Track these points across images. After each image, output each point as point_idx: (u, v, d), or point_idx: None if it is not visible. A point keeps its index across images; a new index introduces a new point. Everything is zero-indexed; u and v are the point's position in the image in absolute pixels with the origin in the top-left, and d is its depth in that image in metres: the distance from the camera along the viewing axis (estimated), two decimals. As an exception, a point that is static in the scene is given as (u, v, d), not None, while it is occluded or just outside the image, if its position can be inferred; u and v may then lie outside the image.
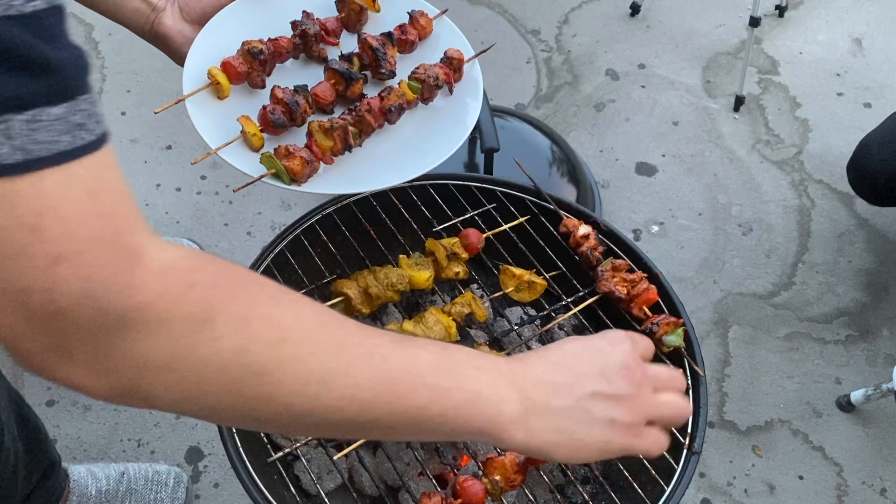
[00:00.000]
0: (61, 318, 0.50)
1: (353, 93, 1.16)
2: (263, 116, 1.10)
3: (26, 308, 0.49)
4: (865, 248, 2.04)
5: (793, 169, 2.20)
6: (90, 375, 0.53)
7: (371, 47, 1.17)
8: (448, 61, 1.20)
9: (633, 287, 1.25)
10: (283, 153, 1.05)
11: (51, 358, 0.51)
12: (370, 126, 1.12)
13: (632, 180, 2.15)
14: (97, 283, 0.51)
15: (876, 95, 2.37)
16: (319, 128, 1.09)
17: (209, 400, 0.58)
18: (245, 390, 0.58)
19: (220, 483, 1.62)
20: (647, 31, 2.54)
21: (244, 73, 1.13)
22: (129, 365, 0.53)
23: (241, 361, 0.58)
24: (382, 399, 0.64)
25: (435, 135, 1.16)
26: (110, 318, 0.52)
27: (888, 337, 1.88)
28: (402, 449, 1.22)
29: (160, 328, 0.54)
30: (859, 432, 1.74)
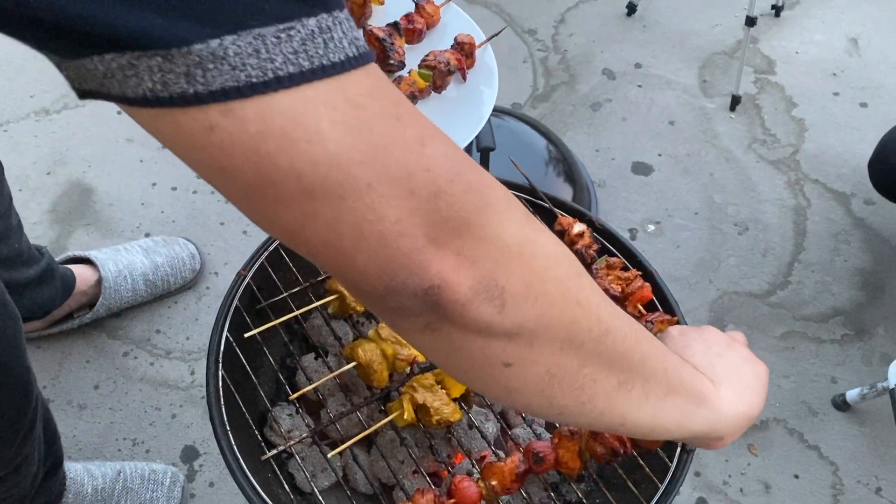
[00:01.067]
0: (439, 198, 0.48)
1: None
2: None
3: (412, 193, 0.47)
4: (861, 248, 2.04)
5: (789, 168, 2.20)
6: (458, 266, 0.50)
7: (377, 38, 1.14)
8: (459, 47, 1.16)
9: (628, 285, 1.25)
10: None
11: (426, 251, 0.49)
12: None
13: (628, 180, 2.16)
14: (458, 160, 0.50)
15: (872, 95, 2.38)
16: None
17: (545, 287, 0.55)
18: (571, 286, 0.57)
19: (216, 482, 1.62)
20: (643, 31, 2.54)
21: None
22: (491, 249, 0.51)
23: (568, 256, 0.58)
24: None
25: (450, 124, 1.13)
26: (475, 196, 0.50)
27: (884, 336, 1.88)
28: (396, 447, 1.22)
29: (510, 209, 0.53)
30: (855, 431, 1.74)
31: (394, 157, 0.46)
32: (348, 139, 0.45)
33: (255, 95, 0.43)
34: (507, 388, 0.57)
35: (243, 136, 0.43)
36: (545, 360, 0.56)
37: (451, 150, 0.50)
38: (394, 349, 1.14)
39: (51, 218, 2.00)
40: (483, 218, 0.50)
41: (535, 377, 0.57)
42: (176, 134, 0.44)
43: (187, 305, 1.86)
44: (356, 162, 0.45)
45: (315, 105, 0.44)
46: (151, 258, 1.82)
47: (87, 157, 2.12)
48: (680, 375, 0.71)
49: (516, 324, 0.53)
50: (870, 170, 1.92)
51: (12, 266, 1.52)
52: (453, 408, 1.13)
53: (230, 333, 1.20)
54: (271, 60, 0.43)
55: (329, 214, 0.46)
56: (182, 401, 1.72)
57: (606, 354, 0.60)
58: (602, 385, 0.61)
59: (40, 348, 1.77)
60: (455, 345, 0.53)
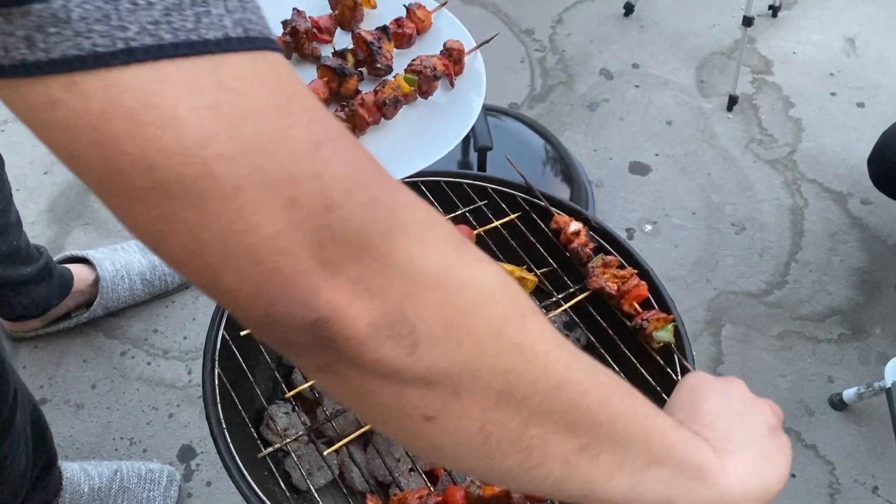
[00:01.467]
0: (331, 212, 0.40)
1: (347, 90, 1.12)
2: None
3: (294, 203, 0.39)
4: (858, 247, 2.04)
5: (786, 168, 2.20)
6: (354, 297, 0.42)
7: (365, 42, 1.13)
8: (447, 53, 1.16)
9: (624, 283, 1.25)
10: None
11: (313, 276, 0.41)
12: (364, 121, 1.08)
13: (625, 179, 2.16)
14: (363, 170, 0.43)
15: (869, 95, 2.38)
16: None
17: (474, 328, 0.46)
18: (509, 328, 0.48)
19: (213, 481, 1.62)
20: (641, 31, 2.55)
21: None
22: (399, 278, 0.43)
23: (509, 293, 0.49)
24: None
25: (434, 130, 1.12)
26: (381, 213, 0.42)
27: (881, 335, 1.89)
28: (393, 445, 1.22)
29: (431, 233, 0.45)
30: (852, 430, 1.74)
31: (274, 157, 0.39)
32: (212, 129, 0.38)
33: (101, 68, 0.37)
34: (434, 445, 0.48)
35: (87, 114, 0.37)
36: (476, 414, 0.47)
37: (357, 159, 0.42)
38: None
39: (48, 217, 2.00)
40: (390, 241, 0.42)
41: (466, 435, 0.48)
42: (24, 109, 0.39)
43: (185, 305, 1.86)
44: (221, 157, 0.38)
45: (175, 85, 0.38)
46: (149, 257, 1.82)
47: (85, 157, 2.12)
48: (669, 442, 0.58)
49: (434, 369, 0.44)
50: (869, 166, 1.92)
51: (11, 263, 1.52)
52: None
53: (226, 332, 1.20)
54: (123, 29, 0.37)
55: (190, 219, 0.39)
56: (179, 400, 1.72)
57: (560, 413, 0.50)
58: (556, 448, 0.51)
59: (38, 347, 1.77)
60: (361, 390, 0.45)
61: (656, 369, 1.21)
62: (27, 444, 1.25)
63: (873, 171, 1.91)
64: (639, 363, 1.22)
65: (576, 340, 1.41)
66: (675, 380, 1.19)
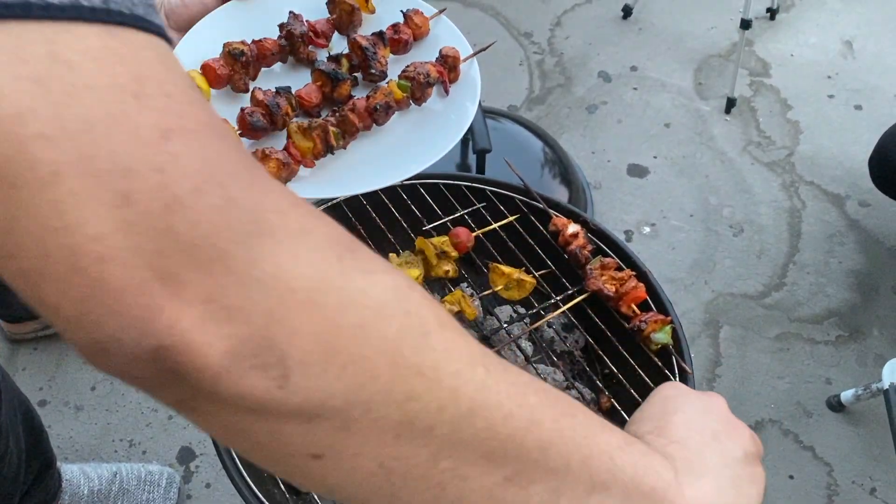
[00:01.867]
0: (175, 213, 0.33)
1: (340, 94, 1.11)
2: (242, 119, 1.04)
3: (126, 199, 0.32)
4: (856, 249, 2.05)
5: (784, 170, 2.21)
6: (208, 319, 0.34)
7: (360, 47, 1.12)
8: (443, 59, 1.14)
9: (622, 285, 1.25)
10: (259, 156, 1.00)
11: (150, 291, 0.33)
12: (354, 126, 1.07)
13: (624, 182, 2.16)
14: (221, 165, 0.35)
15: (867, 97, 2.39)
16: (298, 128, 1.04)
17: (360, 350, 0.38)
18: (406, 349, 0.40)
19: (212, 483, 1.62)
20: (639, 34, 2.55)
21: (225, 77, 1.08)
22: (263, 295, 0.35)
23: (407, 307, 0.41)
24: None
25: (426, 137, 1.11)
26: (240, 216, 0.35)
27: (878, 337, 1.89)
28: (392, 446, 1.22)
29: (306, 240, 0.38)
30: (849, 432, 1.74)
31: (106, 143, 0.32)
32: (32, 103, 0.32)
33: None
34: (328, 485, 0.42)
35: None
36: (373, 450, 0.40)
37: (216, 153, 0.35)
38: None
39: (48, 220, 2.00)
40: (252, 250, 0.35)
41: (363, 473, 0.41)
42: None
43: (184, 307, 1.86)
44: (39, 137, 0.32)
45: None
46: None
47: (85, 160, 2.13)
48: (614, 465, 0.50)
49: (313, 402, 0.37)
50: (870, 166, 1.92)
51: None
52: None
53: (226, 334, 1.20)
54: None
55: (0, 209, 0.32)
56: (178, 402, 1.72)
57: (476, 442, 0.43)
58: (476, 482, 0.44)
59: (37, 349, 1.78)
60: (230, 428, 0.38)
61: (654, 371, 1.22)
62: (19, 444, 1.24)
63: (874, 171, 1.91)
64: (637, 365, 1.22)
65: (574, 342, 1.41)
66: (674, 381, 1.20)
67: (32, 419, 1.31)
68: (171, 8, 1.11)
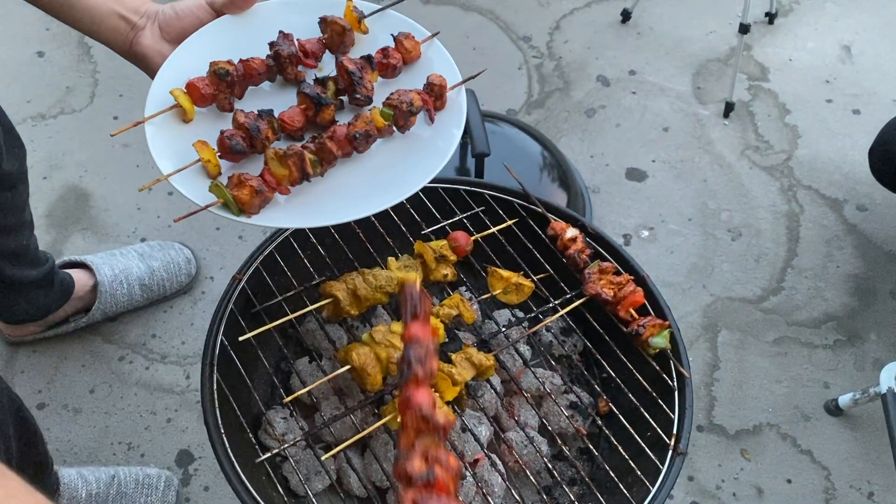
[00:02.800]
0: None
1: (323, 119, 1.09)
2: (221, 142, 1.03)
3: None
4: (854, 254, 2.05)
5: (782, 175, 2.21)
6: None
7: (347, 71, 1.10)
8: (429, 87, 1.11)
9: (620, 289, 1.26)
10: (234, 182, 0.98)
11: None
12: (331, 154, 1.05)
13: (622, 186, 2.17)
14: None
15: (865, 102, 2.39)
16: (274, 155, 1.02)
17: None
18: None
19: (210, 486, 1.62)
20: (637, 38, 2.56)
21: (210, 96, 1.07)
22: None
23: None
24: None
25: (408, 167, 1.08)
26: None
27: (876, 341, 1.90)
28: (390, 450, 1.23)
29: None
30: (847, 436, 1.75)
31: None
32: None
33: None
34: None
35: None
36: None
37: None
38: (388, 353, 1.15)
39: (47, 223, 2.00)
40: None
41: None
42: None
43: (183, 310, 1.86)
44: None
45: None
46: (147, 263, 1.83)
47: (83, 162, 2.13)
48: None
49: None
50: (870, 156, 1.91)
51: (18, 263, 1.52)
52: (447, 411, 1.14)
53: (225, 337, 1.21)
54: None
55: None
56: (177, 405, 1.72)
57: None
58: None
59: (36, 352, 1.78)
60: None
61: (652, 375, 1.22)
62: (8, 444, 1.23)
63: (874, 163, 1.90)
64: (635, 369, 1.22)
65: (572, 346, 1.42)
66: (671, 385, 1.20)
67: (25, 420, 1.30)
68: (166, 20, 1.11)
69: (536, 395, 1.35)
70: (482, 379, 1.23)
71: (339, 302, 1.22)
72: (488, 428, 1.26)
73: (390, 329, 1.19)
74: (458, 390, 1.18)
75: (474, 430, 1.23)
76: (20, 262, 1.52)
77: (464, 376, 1.18)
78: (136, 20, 1.08)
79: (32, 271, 1.56)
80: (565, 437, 1.33)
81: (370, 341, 1.17)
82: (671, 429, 1.16)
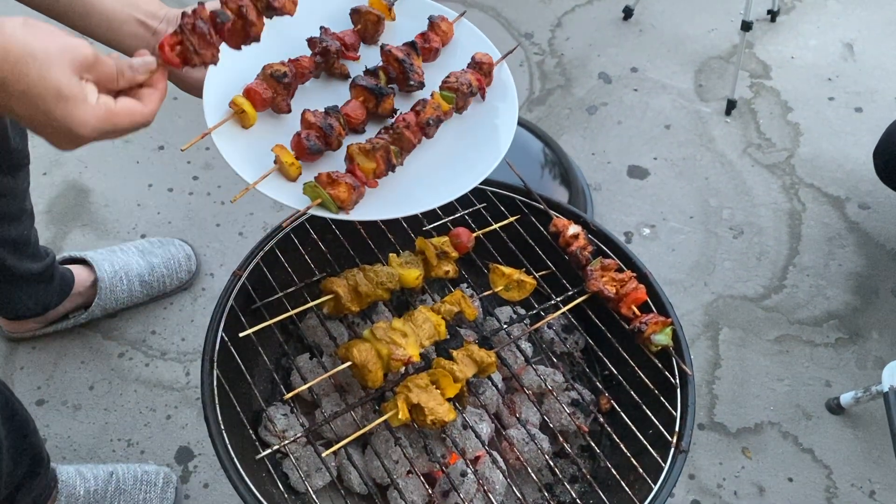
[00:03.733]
0: None
1: (384, 109, 1.11)
2: (298, 143, 1.05)
3: None
4: (856, 252, 2.05)
5: (784, 173, 2.21)
6: None
7: (397, 59, 1.12)
8: (478, 66, 1.15)
9: (622, 286, 1.25)
10: (325, 181, 1.00)
11: None
12: (410, 143, 1.07)
13: (624, 183, 2.16)
14: None
15: (867, 100, 2.38)
16: (360, 150, 1.04)
17: None
18: None
19: (210, 483, 1.62)
20: (639, 36, 2.55)
21: (269, 99, 1.08)
22: None
23: None
24: None
25: (473, 147, 1.11)
26: None
27: (878, 340, 1.89)
28: (391, 447, 1.22)
29: None
30: (849, 435, 1.74)
31: None
32: None
33: None
34: None
35: None
36: None
37: None
38: (389, 349, 1.15)
39: (47, 218, 1.99)
40: None
41: None
42: None
43: (183, 306, 1.86)
44: None
45: None
46: (147, 259, 1.82)
47: (83, 158, 2.12)
48: None
49: None
50: (875, 156, 1.91)
51: (19, 254, 1.51)
52: (448, 408, 1.13)
53: (225, 333, 1.20)
54: None
55: None
56: (177, 402, 1.72)
57: None
58: None
59: (35, 348, 1.77)
60: None
61: (654, 372, 1.21)
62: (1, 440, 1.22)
63: (879, 163, 1.89)
64: (637, 366, 1.22)
65: (574, 343, 1.41)
66: (673, 383, 1.20)
67: (14, 411, 1.29)
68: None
69: (538, 393, 1.34)
70: (483, 376, 1.22)
71: (340, 298, 1.21)
72: (489, 425, 1.26)
73: (391, 326, 1.18)
74: (460, 387, 1.18)
75: (476, 427, 1.23)
76: (21, 254, 1.52)
77: (465, 373, 1.17)
78: (155, 25, 1.06)
79: (33, 265, 1.56)
80: (567, 435, 1.32)
81: (371, 338, 1.17)
82: (673, 426, 1.15)
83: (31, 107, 0.77)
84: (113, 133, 0.84)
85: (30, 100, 0.77)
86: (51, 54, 0.77)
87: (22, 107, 0.77)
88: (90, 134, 0.81)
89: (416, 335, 1.18)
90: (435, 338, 1.20)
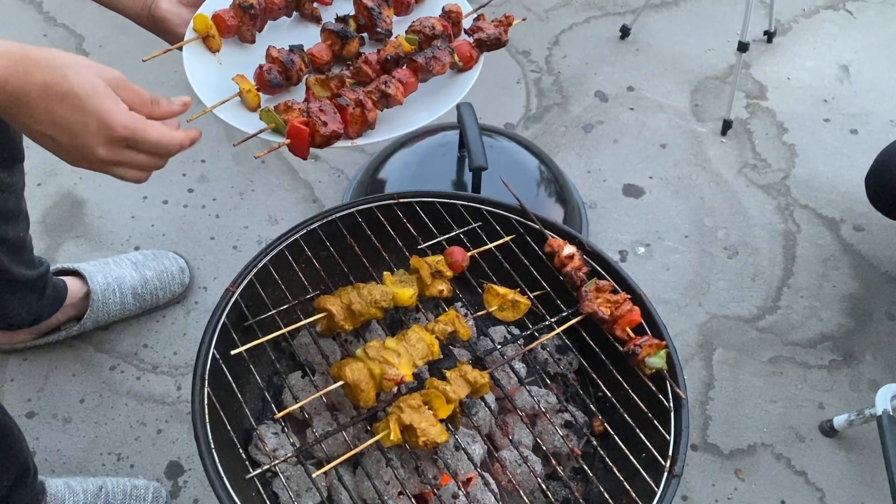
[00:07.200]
0: None
1: (348, 52, 1.20)
2: (259, 76, 1.12)
3: None
4: (850, 274, 2.05)
5: (779, 193, 2.21)
6: None
7: (366, 7, 1.21)
8: (446, 15, 1.23)
9: (617, 308, 1.25)
10: (282, 109, 1.07)
11: None
12: (368, 77, 1.15)
13: (619, 202, 2.16)
14: None
15: (862, 122, 2.39)
16: (316, 80, 1.13)
17: None
18: None
19: (200, 499, 1.60)
20: (636, 55, 2.56)
21: (234, 27, 1.17)
22: None
23: None
24: None
25: (435, 91, 1.19)
26: None
27: (871, 362, 1.89)
28: (382, 467, 1.21)
29: None
30: (842, 457, 1.74)
31: None
32: None
33: None
34: None
35: None
36: None
37: None
38: (381, 369, 1.14)
39: (41, 229, 1.99)
40: None
41: None
42: None
43: (175, 320, 1.85)
44: None
45: None
46: (141, 272, 1.81)
47: (78, 169, 2.11)
48: None
49: None
50: (867, 184, 1.91)
51: (15, 257, 1.50)
52: (440, 429, 1.13)
53: (217, 350, 1.19)
54: None
55: None
56: (168, 416, 1.71)
57: None
58: None
59: (26, 360, 1.76)
60: None
61: (647, 395, 1.21)
62: None
63: (870, 189, 1.90)
64: (630, 388, 1.21)
65: (568, 364, 1.41)
66: (667, 406, 1.19)
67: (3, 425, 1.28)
68: None
69: (531, 414, 1.34)
70: (476, 397, 1.22)
71: (334, 316, 1.21)
72: (482, 446, 1.25)
73: (384, 345, 1.18)
74: (453, 408, 1.17)
75: (468, 448, 1.22)
76: (17, 257, 1.50)
77: (458, 394, 1.17)
78: None
79: (28, 271, 1.55)
80: (559, 457, 1.32)
81: (364, 357, 1.16)
82: (666, 450, 1.15)
83: (70, 108, 0.86)
84: (135, 143, 0.91)
85: (70, 101, 0.85)
86: (86, 65, 0.87)
87: (62, 107, 0.86)
88: (120, 130, 0.88)
89: (409, 355, 1.17)
90: (428, 357, 1.19)
